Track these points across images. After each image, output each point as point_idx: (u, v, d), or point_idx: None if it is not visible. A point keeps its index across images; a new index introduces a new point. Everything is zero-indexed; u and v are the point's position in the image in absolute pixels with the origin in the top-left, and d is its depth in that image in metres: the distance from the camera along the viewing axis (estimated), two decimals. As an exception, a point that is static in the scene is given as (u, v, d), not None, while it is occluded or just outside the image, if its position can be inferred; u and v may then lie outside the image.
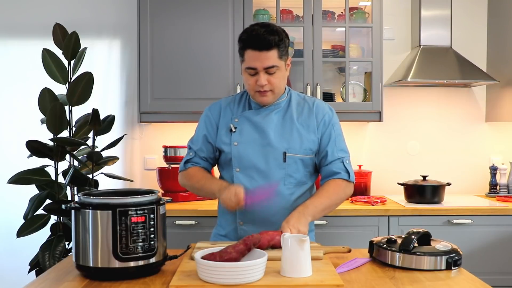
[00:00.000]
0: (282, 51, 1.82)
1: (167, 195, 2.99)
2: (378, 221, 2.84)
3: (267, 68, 1.81)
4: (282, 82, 1.88)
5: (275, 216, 1.87)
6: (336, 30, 3.26)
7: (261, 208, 1.87)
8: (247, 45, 1.81)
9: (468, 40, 3.42)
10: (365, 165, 3.37)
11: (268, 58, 1.80)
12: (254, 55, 1.80)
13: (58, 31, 2.83)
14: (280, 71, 1.84)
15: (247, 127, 1.91)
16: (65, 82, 2.81)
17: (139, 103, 3.06)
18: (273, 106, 1.93)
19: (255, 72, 1.82)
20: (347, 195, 1.94)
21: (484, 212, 2.86)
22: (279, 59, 1.82)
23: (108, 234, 1.42)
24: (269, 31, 1.80)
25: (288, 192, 1.90)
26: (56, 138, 2.66)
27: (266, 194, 1.81)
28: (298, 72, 3.28)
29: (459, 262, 1.56)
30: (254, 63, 1.81)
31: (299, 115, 1.93)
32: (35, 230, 2.68)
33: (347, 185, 1.92)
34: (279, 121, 1.91)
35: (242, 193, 1.75)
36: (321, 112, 1.94)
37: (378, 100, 3.09)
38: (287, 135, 1.90)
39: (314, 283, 1.36)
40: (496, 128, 3.48)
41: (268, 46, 1.78)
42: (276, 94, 1.89)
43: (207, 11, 3.04)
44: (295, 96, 1.99)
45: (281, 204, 1.89)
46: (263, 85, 1.83)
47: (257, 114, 1.92)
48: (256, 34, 1.79)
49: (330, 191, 1.88)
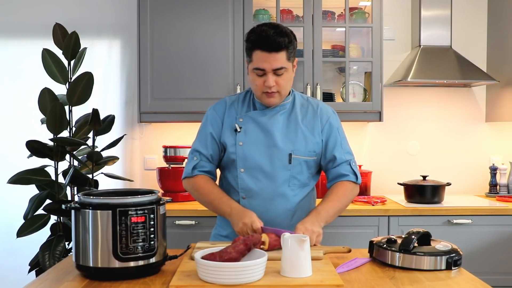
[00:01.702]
0: (290, 53, 1.83)
1: (167, 195, 3.00)
2: (378, 221, 2.84)
3: (275, 69, 1.80)
4: (289, 83, 1.88)
5: (279, 218, 1.88)
6: (336, 30, 3.26)
7: (265, 209, 1.88)
8: (256, 46, 1.80)
9: (468, 40, 3.42)
10: (365, 165, 3.37)
11: (277, 59, 1.79)
12: (263, 56, 1.79)
13: (58, 31, 2.83)
14: (287, 73, 1.84)
15: (253, 128, 1.91)
16: (65, 82, 2.81)
17: (139, 103, 3.06)
18: (278, 107, 1.92)
19: (263, 73, 1.82)
20: (354, 196, 1.97)
21: (484, 212, 2.86)
22: (288, 61, 1.82)
23: (108, 234, 1.42)
24: (279, 33, 1.79)
25: (292, 194, 1.90)
26: (56, 138, 2.66)
27: (278, 232, 1.74)
28: (298, 72, 3.25)
29: (459, 262, 1.56)
30: (263, 64, 1.80)
31: (304, 116, 1.94)
32: (35, 230, 2.68)
33: (354, 187, 1.95)
34: (284, 122, 1.91)
35: (258, 226, 1.75)
36: (325, 115, 1.95)
37: (378, 100, 3.09)
38: (292, 136, 1.90)
39: (314, 283, 1.36)
40: (496, 128, 3.48)
41: (278, 47, 1.78)
42: (282, 95, 1.89)
43: (207, 11, 3.04)
44: (299, 97, 1.99)
45: (285, 206, 1.90)
46: (271, 87, 1.82)
47: (262, 115, 1.92)
48: (266, 35, 1.77)
49: (339, 194, 1.90)
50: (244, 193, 1.92)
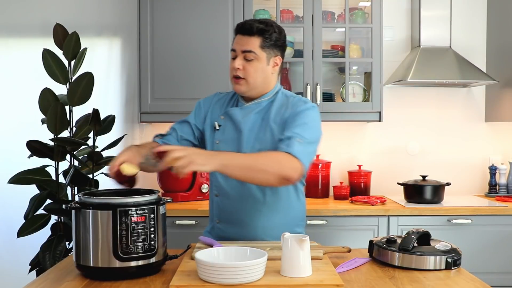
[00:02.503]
0: (266, 42, 1.81)
1: (167, 195, 3.00)
2: (377, 221, 2.84)
3: (244, 52, 1.81)
4: (259, 74, 1.83)
5: (249, 217, 1.87)
6: (336, 30, 3.26)
7: (235, 209, 1.86)
8: (236, 31, 1.86)
9: (468, 40, 3.43)
10: (365, 165, 3.37)
11: (248, 42, 1.80)
12: (237, 38, 1.84)
13: (59, 31, 2.84)
14: (259, 62, 1.82)
15: (229, 126, 1.89)
16: (65, 82, 2.81)
17: (139, 103, 3.06)
18: (254, 105, 1.88)
19: (235, 55, 1.84)
20: (285, 167, 1.64)
21: (483, 212, 2.87)
22: (261, 49, 1.81)
23: (108, 234, 1.43)
24: (259, 21, 1.83)
25: (262, 194, 1.86)
26: (57, 138, 2.67)
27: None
28: (298, 72, 3.29)
29: (458, 262, 1.57)
30: (235, 45, 1.84)
31: (277, 114, 1.84)
32: (35, 230, 2.68)
33: (286, 157, 1.66)
34: (257, 121, 1.86)
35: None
36: (294, 106, 1.82)
37: (378, 100, 3.09)
38: (261, 135, 1.84)
39: (314, 283, 1.37)
40: (495, 128, 3.48)
41: (250, 31, 1.80)
42: (250, 85, 1.83)
43: (207, 11, 3.04)
44: (282, 97, 1.90)
45: (255, 206, 1.86)
46: (236, 68, 1.82)
47: (239, 113, 1.88)
48: (245, 21, 1.85)
49: (259, 154, 1.71)
50: (216, 191, 1.92)
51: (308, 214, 2.81)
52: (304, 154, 1.68)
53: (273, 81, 1.90)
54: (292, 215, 1.94)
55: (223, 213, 1.91)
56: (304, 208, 2.01)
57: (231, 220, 1.90)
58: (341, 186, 3.19)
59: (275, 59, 1.86)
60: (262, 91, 1.88)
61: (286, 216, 1.91)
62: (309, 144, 1.73)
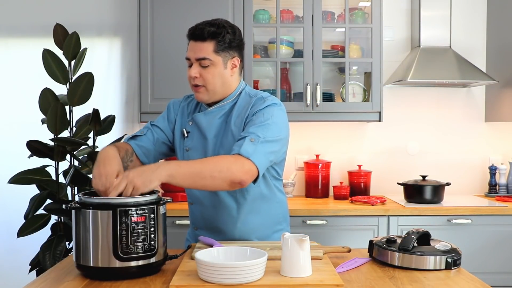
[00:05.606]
0: (220, 46, 1.73)
1: (167, 195, 3.00)
2: (377, 221, 2.84)
3: (199, 59, 1.73)
4: (217, 80, 1.75)
5: (225, 224, 1.84)
6: (336, 30, 3.27)
7: (210, 216, 1.84)
8: (188, 37, 1.79)
9: (468, 40, 3.43)
10: (365, 165, 3.37)
11: (201, 49, 1.73)
12: (191, 45, 1.77)
13: (59, 31, 2.84)
14: (215, 67, 1.74)
15: (196, 132, 1.83)
16: (65, 82, 2.81)
17: (139, 103, 3.06)
18: (217, 109, 1.81)
19: (191, 63, 1.77)
20: (233, 170, 1.57)
21: (483, 212, 2.87)
22: (215, 53, 1.73)
23: (108, 234, 1.43)
24: (210, 24, 1.74)
25: (233, 201, 1.82)
26: (57, 138, 2.67)
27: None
28: (298, 72, 3.29)
29: (458, 262, 1.57)
30: (188, 53, 1.77)
31: (238, 116, 1.78)
32: (35, 230, 2.68)
33: (235, 159, 1.59)
34: (221, 126, 1.80)
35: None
36: (254, 106, 1.75)
37: (378, 100, 3.09)
38: (224, 141, 1.78)
39: (314, 282, 1.37)
40: (495, 128, 3.48)
41: (202, 36, 1.72)
42: (210, 92, 1.76)
43: (207, 11, 3.04)
44: (246, 96, 1.82)
45: (228, 213, 1.83)
46: (193, 77, 1.74)
47: (203, 119, 1.81)
48: (196, 25, 1.76)
49: (207, 160, 1.63)
50: (190, 199, 1.90)
51: (308, 214, 2.84)
52: (257, 154, 1.61)
53: (234, 83, 1.82)
54: (271, 213, 1.88)
55: (199, 220, 1.89)
56: (284, 204, 1.94)
57: (208, 227, 1.87)
58: (341, 186, 3.20)
59: (232, 60, 1.78)
60: (224, 94, 1.81)
61: (265, 216, 1.86)
62: (266, 143, 1.65)
